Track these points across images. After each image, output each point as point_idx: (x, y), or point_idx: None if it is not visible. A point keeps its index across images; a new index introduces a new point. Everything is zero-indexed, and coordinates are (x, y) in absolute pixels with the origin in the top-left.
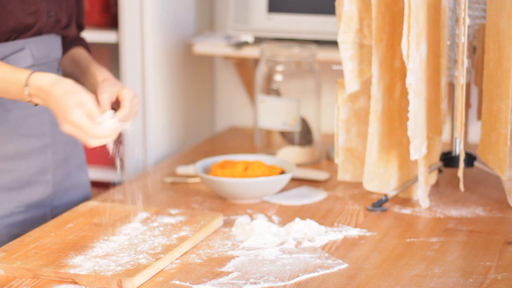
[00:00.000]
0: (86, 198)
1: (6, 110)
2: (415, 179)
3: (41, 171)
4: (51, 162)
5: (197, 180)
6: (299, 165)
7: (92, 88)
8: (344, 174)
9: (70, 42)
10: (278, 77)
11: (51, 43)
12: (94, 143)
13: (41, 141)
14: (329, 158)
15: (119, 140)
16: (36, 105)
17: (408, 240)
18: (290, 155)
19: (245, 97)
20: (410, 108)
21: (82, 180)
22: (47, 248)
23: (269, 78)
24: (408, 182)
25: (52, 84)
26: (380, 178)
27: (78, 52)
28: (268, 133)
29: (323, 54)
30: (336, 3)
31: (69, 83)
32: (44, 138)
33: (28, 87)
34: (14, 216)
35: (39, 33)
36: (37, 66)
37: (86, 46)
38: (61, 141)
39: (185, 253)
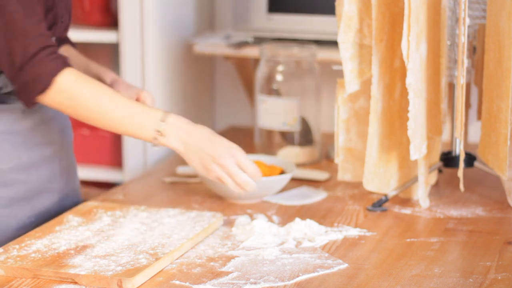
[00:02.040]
0: (78, 203)
1: (20, 118)
2: (415, 179)
3: (50, 180)
4: (58, 169)
5: (197, 180)
6: (299, 165)
7: None
8: (344, 174)
9: (57, 41)
10: (278, 77)
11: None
12: (236, 188)
13: (51, 149)
14: (329, 158)
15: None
16: (154, 145)
17: (408, 240)
18: (290, 155)
19: (245, 97)
20: (410, 108)
21: (76, 186)
22: (47, 248)
23: (269, 78)
24: (408, 182)
25: (194, 125)
26: (380, 178)
27: (70, 50)
28: (268, 133)
29: (323, 54)
30: (336, 3)
31: (206, 128)
32: (53, 146)
33: (164, 123)
34: (27, 227)
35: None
36: None
37: (73, 44)
38: (66, 148)
39: (185, 253)
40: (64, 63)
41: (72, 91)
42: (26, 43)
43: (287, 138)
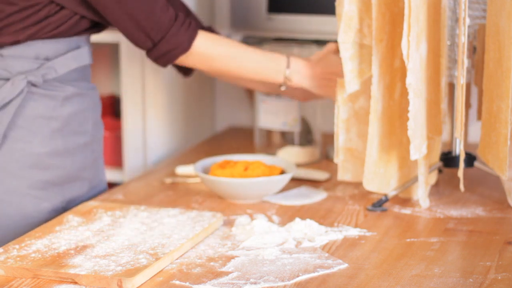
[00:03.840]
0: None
1: (61, 105)
2: (415, 179)
3: (82, 168)
4: (90, 159)
5: (197, 180)
6: (299, 165)
7: None
8: (344, 174)
9: None
10: None
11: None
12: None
13: (85, 139)
14: (329, 158)
15: None
16: (281, 86)
17: (408, 240)
18: (290, 155)
19: (245, 97)
20: (410, 108)
21: (105, 178)
22: (47, 248)
23: None
24: (408, 182)
25: (311, 63)
26: (380, 178)
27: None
28: (268, 133)
29: None
30: (336, 3)
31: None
32: (86, 136)
33: (289, 69)
34: (59, 212)
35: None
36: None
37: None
38: (97, 139)
39: (185, 253)
40: (196, 28)
41: (208, 51)
42: (158, 17)
43: (287, 138)
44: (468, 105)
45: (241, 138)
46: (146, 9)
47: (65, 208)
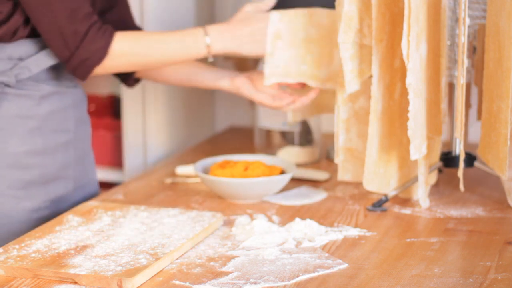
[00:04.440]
0: (97, 195)
1: (37, 104)
2: (415, 179)
3: (64, 167)
4: (73, 158)
5: (197, 180)
6: (299, 165)
7: None
8: (344, 174)
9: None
10: None
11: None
12: None
13: (66, 137)
14: (329, 158)
15: None
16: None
17: (408, 240)
18: (290, 155)
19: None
20: (410, 108)
21: (95, 177)
22: (47, 248)
23: None
24: (408, 182)
25: (232, 24)
26: (380, 178)
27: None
28: (268, 133)
29: None
30: (336, 3)
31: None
32: (68, 134)
33: (208, 36)
34: (42, 211)
35: None
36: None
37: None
38: (81, 137)
39: (185, 253)
40: (112, 33)
41: (130, 50)
42: (76, 25)
43: (287, 138)
44: (468, 105)
45: (241, 138)
46: (69, 14)
47: (49, 207)
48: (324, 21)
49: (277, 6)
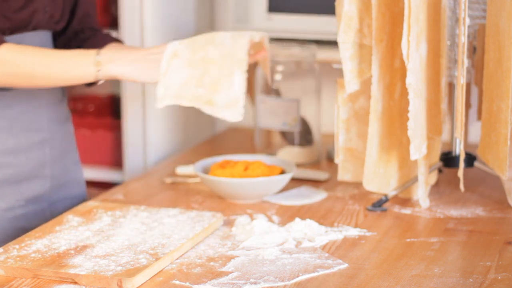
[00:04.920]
0: (81, 195)
1: (6, 105)
2: (415, 179)
3: (39, 166)
4: (48, 156)
5: (197, 180)
6: (299, 165)
7: None
8: (344, 174)
9: (106, 37)
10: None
11: (45, 39)
12: None
13: (40, 136)
14: (329, 158)
15: None
16: (91, 83)
17: (408, 240)
18: (290, 155)
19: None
20: (410, 108)
21: (78, 176)
22: (47, 248)
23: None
24: (408, 182)
25: (126, 48)
26: (380, 178)
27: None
28: (268, 133)
29: (323, 54)
30: (336, 3)
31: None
32: (42, 133)
33: (99, 55)
34: (16, 210)
35: (34, 28)
36: None
37: (122, 42)
38: (58, 136)
39: (185, 253)
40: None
41: (12, 59)
42: None
43: (287, 138)
44: (468, 105)
45: (241, 138)
46: None
47: (24, 206)
48: (228, 42)
49: None
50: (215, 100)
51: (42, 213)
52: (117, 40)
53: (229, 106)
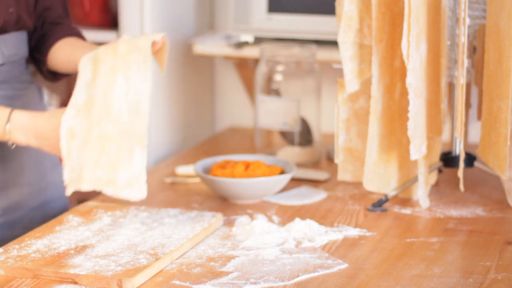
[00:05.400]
0: (61, 198)
1: None
2: (415, 179)
3: (17, 174)
4: (26, 164)
5: (197, 180)
6: (299, 165)
7: None
8: (344, 174)
9: (61, 31)
10: (278, 77)
11: (18, 41)
12: None
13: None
14: (329, 158)
15: None
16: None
17: (408, 240)
18: (290, 155)
19: (245, 97)
20: (410, 108)
21: (56, 180)
22: (47, 248)
23: (269, 78)
24: (408, 182)
25: (38, 117)
26: (380, 178)
27: (76, 42)
28: (268, 133)
29: (323, 54)
30: (336, 3)
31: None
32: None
33: (9, 123)
34: None
35: (4, 31)
36: (7, 64)
37: (83, 37)
38: None
39: (185, 253)
40: None
41: None
42: None
43: (287, 138)
44: (468, 105)
45: (241, 138)
46: None
47: (2, 215)
48: (124, 116)
49: None
50: (115, 180)
51: (21, 221)
52: (76, 35)
53: (130, 185)
